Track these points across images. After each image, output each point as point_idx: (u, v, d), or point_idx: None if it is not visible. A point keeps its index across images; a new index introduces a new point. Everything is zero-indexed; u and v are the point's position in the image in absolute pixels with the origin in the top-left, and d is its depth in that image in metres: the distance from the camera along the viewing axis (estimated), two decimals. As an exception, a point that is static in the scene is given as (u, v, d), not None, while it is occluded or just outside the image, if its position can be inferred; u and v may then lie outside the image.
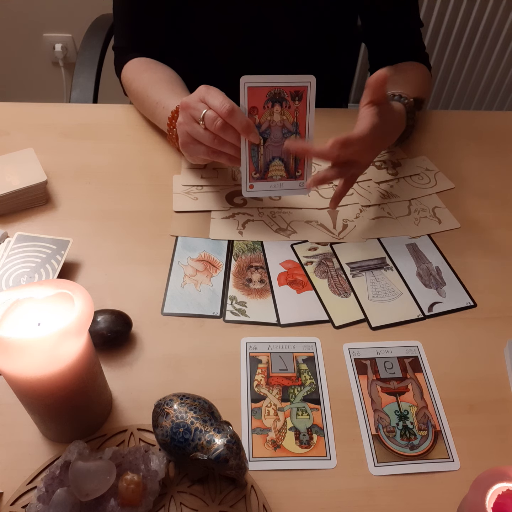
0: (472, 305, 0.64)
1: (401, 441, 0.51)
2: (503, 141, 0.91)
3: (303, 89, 0.62)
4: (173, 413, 0.44)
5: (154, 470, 0.44)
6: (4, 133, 0.84)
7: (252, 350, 0.57)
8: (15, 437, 0.49)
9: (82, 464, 0.43)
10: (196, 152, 0.68)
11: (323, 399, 0.54)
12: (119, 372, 0.55)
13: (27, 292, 0.42)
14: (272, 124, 0.64)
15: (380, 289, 0.65)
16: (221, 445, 0.42)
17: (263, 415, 0.52)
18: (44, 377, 0.41)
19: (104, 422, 0.51)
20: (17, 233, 0.65)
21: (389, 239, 0.72)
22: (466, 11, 1.68)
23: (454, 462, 0.50)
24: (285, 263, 0.67)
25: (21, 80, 1.99)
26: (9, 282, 0.60)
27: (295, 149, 0.64)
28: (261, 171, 0.66)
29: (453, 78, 1.89)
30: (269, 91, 0.61)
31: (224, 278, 0.65)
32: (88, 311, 0.41)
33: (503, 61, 1.83)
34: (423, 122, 0.94)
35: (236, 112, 0.60)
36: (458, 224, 0.74)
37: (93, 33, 1.11)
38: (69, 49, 1.90)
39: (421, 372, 0.57)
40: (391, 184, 0.80)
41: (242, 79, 0.60)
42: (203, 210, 0.74)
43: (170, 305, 0.61)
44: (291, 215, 0.74)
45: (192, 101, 0.65)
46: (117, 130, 0.87)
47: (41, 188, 0.72)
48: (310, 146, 0.64)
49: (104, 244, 0.68)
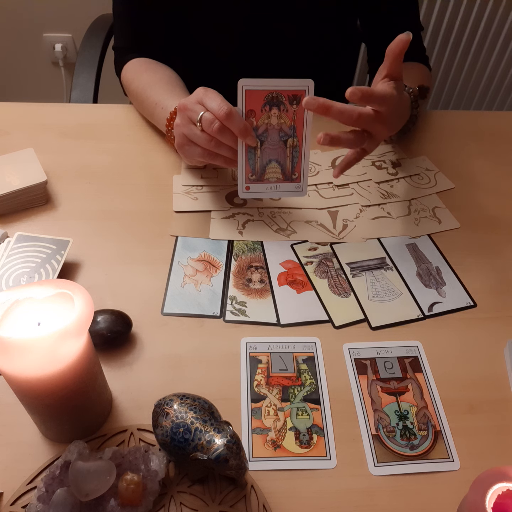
0: (472, 305, 0.64)
1: (401, 441, 0.51)
2: (503, 141, 0.91)
3: (301, 93, 0.62)
4: (173, 413, 0.44)
5: (154, 470, 0.44)
6: (4, 133, 0.85)
7: (252, 350, 0.57)
8: (15, 437, 0.49)
9: (82, 464, 0.43)
10: (192, 153, 0.68)
11: (323, 399, 0.54)
12: (119, 372, 0.55)
13: (27, 292, 0.42)
14: (270, 127, 0.64)
15: (380, 289, 0.65)
16: (221, 445, 0.42)
17: (263, 415, 0.52)
18: (44, 377, 0.41)
19: (104, 422, 0.51)
20: (17, 233, 0.65)
21: (389, 239, 0.72)
22: (466, 11, 1.67)
23: (454, 462, 0.50)
24: (285, 263, 0.67)
25: (21, 80, 1.99)
26: (9, 282, 0.60)
27: (315, 106, 0.60)
28: (258, 173, 0.66)
29: (453, 78, 1.89)
30: (267, 95, 0.61)
31: (224, 278, 0.65)
32: (88, 311, 0.41)
33: (503, 61, 1.83)
34: (423, 122, 0.94)
35: (233, 115, 0.60)
36: (458, 224, 0.74)
37: (93, 33, 1.11)
38: (69, 49, 1.90)
39: (421, 372, 0.57)
40: (391, 184, 0.80)
41: (240, 82, 0.60)
42: (203, 210, 0.74)
43: (170, 305, 0.61)
44: (291, 215, 0.74)
45: (190, 103, 0.65)
46: (117, 130, 0.87)
47: (41, 188, 0.72)
48: (331, 103, 0.59)
49: (104, 244, 0.68)
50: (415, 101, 0.78)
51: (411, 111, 0.78)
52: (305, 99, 0.59)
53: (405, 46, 0.61)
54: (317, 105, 0.59)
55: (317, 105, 0.59)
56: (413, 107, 0.78)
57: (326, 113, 0.60)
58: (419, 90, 0.78)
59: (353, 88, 0.57)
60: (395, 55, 0.62)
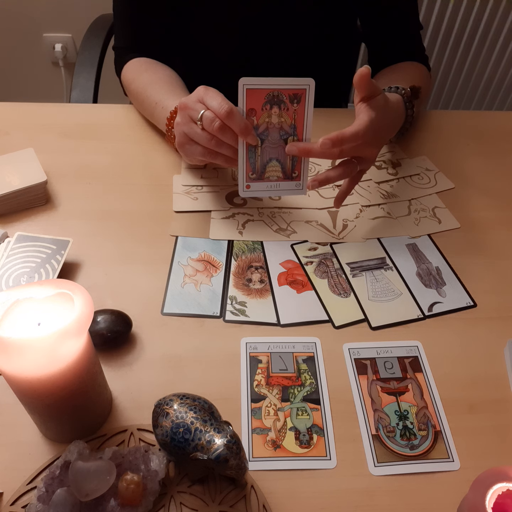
0: (472, 305, 0.64)
1: (401, 441, 0.51)
2: (503, 141, 0.91)
3: (302, 92, 0.62)
4: (173, 413, 0.44)
5: (154, 470, 0.44)
6: (4, 133, 0.85)
7: (252, 350, 0.57)
8: (15, 437, 0.49)
9: (82, 464, 0.43)
10: (193, 152, 0.68)
11: (323, 399, 0.54)
12: (119, 372, 0.55)
13: (27, 292, 0.42)
14: (270, 126, 0.64)
15: (380, 289, 0.65)
16: (221, 445, 0.42)
17: (263, 415, 0.52)
18: (44, 377, 0.41)
19: (104, 422, 0.51)
20: (17, 233, 0.65)
21: (389, 239, 0.72)
22: (466, 11, 1.68)
23: (454, 462, 0.50)
24: (285, 263, 0.67)
25: (21, 80, 1.99)
26: (9, 282, 0.60)
27: (296, 152, 0.64)
28: (258, 171, 0.66)
29: (453, 78, 1.89)
30: (267, 93, 0.61)
31: (224, 278, 0.65)
32: (88, 311, 0.41)
33: (503, 61, 1.83)
34: (423, 122, 0.94)
35: (234, 114, 0.60)
36: (458, 224, 0.74)
37: (93, 33, 1.11)
38: (69, 49, 1.90)
39: (421, 372, 0.57)
40: (391, 184, 0.80)
41: (241, 81, 0.60)
42: (203, 210, 0.74)
43: (170, 305, 0.61)
44: (291, 215, 0.74)
45: (190, 101, 0.65)
46: (117, 130, 0.87)
47: (41, 188, 0.72)
48: (311, 147, 0.63)
49: (104, 244, 0.68)
50: (409, 101, 0.77)
51: (405, 111, 0.78)
52: (286, 147, 0.64)
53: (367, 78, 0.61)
54: (297, 150, 0.64)
55: (297, 151, 0.64)
56: (407, 107, 0.77)
57: (308, 155, 0.65)
58: (411, 91, 0.78)
59: (323, 139, 0.60)
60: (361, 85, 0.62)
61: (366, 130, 0.62)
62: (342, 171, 0.64)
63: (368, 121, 0.62)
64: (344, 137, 0.61)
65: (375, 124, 0.63)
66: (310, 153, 0.64)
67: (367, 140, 0.63)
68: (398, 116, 0.75)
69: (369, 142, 0.64)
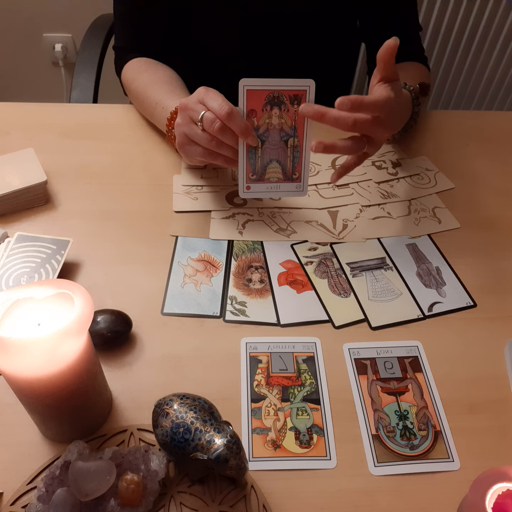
0: (472, 305, 0.64)
1: (401, 441, 0.51)
2: (503, 141, 0.91)
3: (302, 93, 0.62)
4: (173, 413, 0.44)
5: (154, 470, 0.44)
6: (4, 133, 0.85)
7: (252, 350, 0.57)
8: (15, 437, 0.49)
9: (82, 464, 0.43)
10: (193, 153, 0.68)
11: (323, 399, 0.54)
12: (119, 372, 0.55)
13: (27, 292, 0.42)
14: (270, 127, 0.64)
15: (380, 289, 0.65)
16: (221, 445, 0.42)
17: (263, 415, 0.52)
18: (44, 377, 0.41)
19: (104, 422, 0.51)
20: (17, 233, 0.65)
21: (389, 239, 0.72)
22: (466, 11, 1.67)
23: (454, 462, 0.50)
24: (285, 263, 0.67)
25: (21, 80, 1.99)
26: (9, 282, 0.60)
27: (311, 114, 0.61)
28: (258, 173, 0.66)
29: (453, 78, 1.89)
30: (268, 94, 0.61)
31: (224, 278, 0.65)
32: (88, 311, 0.41)
33: (503, 61, 1.83)
34: (423, 122, 0.94)
35: (234, 115, 0.60)
36: (458, 224, 0.74)
37: (93, 33, 1.11)
38: (69, 49, 1.90)
39: (421, 372, 0.57)
40: (391, 184, 0.80)
41: (241, 82, 0.60)
42: (203, 210, 0.74)
43: (170, 305, 0.61)
44: (291, 215, 0.74)
45: (191, 102, 0.65)
46: (117, 130, 0.87)
47: (41, 188, 0.72)
48: (326, 109, 0.60)
49: (104, 244, 0.68)
50: (416, 98, 0.78)
51: (412, 108, 0.78)
52: (301, 106, 0.60)
53: (393, 51, 0.60)
54: (312, 111, 0.60)
55: (312, 112, 0.60)
56: (414, 104, 0.78)
57: (321, 120, 0.60)
58: (420, 87, 0.78)
59: (342, 98, 0.57)
60: (385, 60, 0.61)
61: (385, 103, 0.60)
62: (350, 144, 0.62)
63: (388, 97, 0.61)
64: (363, 102, 0.58)
65: (393, 103, 0.61)
66: (324, 116, 0.60)
67: (383, 116, 0.61)
68: (407, 109, 0.75)
69: (383, 121, 0.62)
